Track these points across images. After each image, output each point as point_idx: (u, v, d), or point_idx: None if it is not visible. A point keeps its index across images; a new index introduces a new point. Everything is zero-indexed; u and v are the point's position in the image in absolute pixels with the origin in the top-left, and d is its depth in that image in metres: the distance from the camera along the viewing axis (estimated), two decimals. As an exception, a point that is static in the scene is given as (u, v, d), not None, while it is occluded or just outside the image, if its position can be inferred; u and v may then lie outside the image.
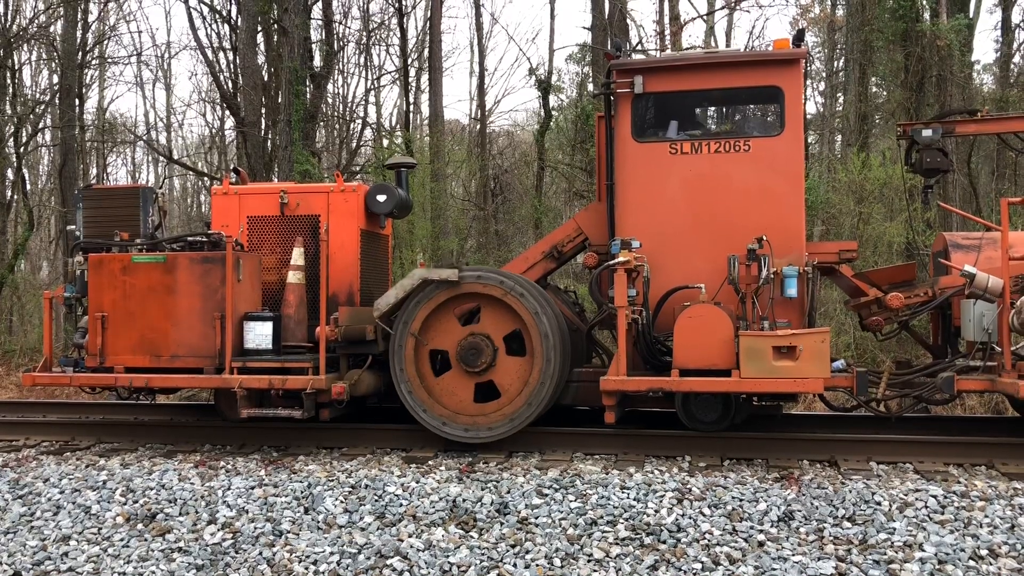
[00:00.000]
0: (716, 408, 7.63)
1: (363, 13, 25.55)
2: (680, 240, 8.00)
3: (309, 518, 6.20)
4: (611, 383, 7.30)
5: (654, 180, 8.11)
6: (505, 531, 5.87)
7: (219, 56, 22.08)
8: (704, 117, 8.94)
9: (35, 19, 22.99)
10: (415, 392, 7.80)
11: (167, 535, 6.10)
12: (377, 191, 8.66)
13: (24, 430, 8.91)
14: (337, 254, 8.42)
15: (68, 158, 21.15)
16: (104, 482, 6.96)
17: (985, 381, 7.21)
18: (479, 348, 7.80)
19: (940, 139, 8.14)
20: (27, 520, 6.45)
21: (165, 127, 33.91)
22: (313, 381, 7.55)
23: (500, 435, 7.65)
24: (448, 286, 7.77)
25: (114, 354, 7.86)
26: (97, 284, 7.91)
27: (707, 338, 7.21)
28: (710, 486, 6.38)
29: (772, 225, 7.70)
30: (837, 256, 8.27)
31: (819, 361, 6.97)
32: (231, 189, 8.75)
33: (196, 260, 7.82)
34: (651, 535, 5.73)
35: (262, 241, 8.57)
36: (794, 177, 7.92)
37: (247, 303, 7.97)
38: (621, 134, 8.19)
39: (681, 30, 21.71)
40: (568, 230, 8.86)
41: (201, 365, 7.77)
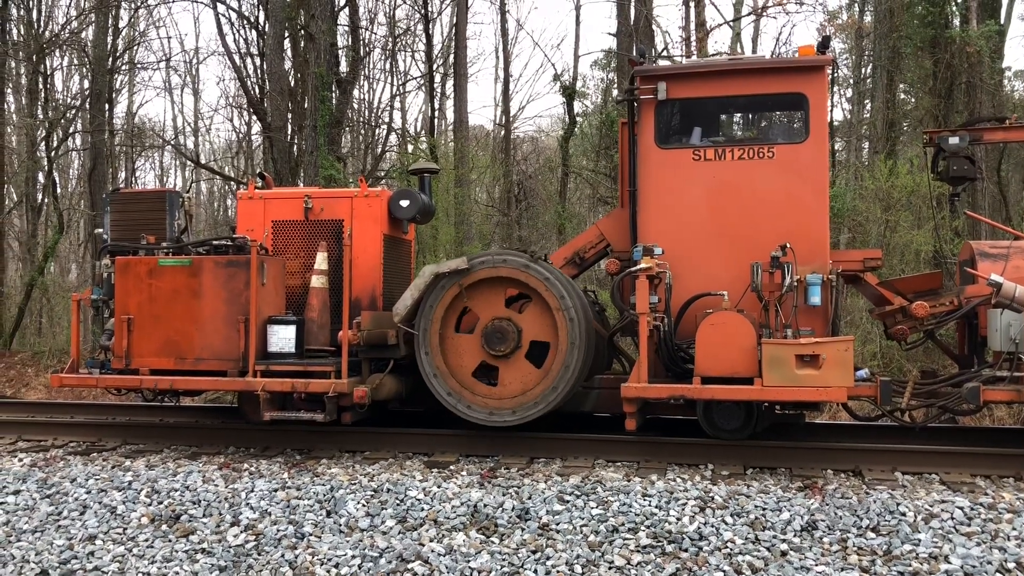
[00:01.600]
0: (738, 416, 7.59)
1: (389, 19, 25.69)
2: (703, 247, 7.96)
3: (331, 521, 6.23)
4: (632, 390, 7.28)
5: (677, 187, 8.07)
6: (526, 537, 5.86)
7: (246, 62, 22.30)
8: (728, 124, 8.91)
9: (67, 25, 23.34)
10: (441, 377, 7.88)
11: (191, 536, 6.15)
12: (400, 196, 8.69)
13: (52, 431, 9.02)
14: (360, 259, 8.45)
15: (98, 162, 21.43)
16: (130, 483, 7.03)
17: (1012, 392, 7.14)
18: (504, 332, 7.82)
19: (967, 147, 8.06)
20: (54, 519, 6.53)
21: (193, 132, 34.27)
22: (335, 385, 7.57)
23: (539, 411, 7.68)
24: (460, 275, 7.81)
25: (139, 356, 7.93)
26: (123, 287, 8.00)
27: (729, 346, 7.18)
28: (733, 494, 6.35)
29: (796, 233, 7.65)
30: (862, 264, 8.21)
31: (843, 370, 6.93)
32: (256, 194, 8.83)
33: (221, 264, 7.89)
34: (673, 543, 5.70)
35: (287, 245, 8.62)
36: (819, 185, 7.86)
37: (271, 307, 8.03)
38: (644, 140, 8.16)
39: (707, 36, 21.64)
40: (590, 236, 8.85)
41: (225, 368, 7.83)
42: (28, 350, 18.69)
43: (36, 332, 21.56)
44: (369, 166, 24.61)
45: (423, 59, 25.03)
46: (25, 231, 23.12)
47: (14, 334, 19.65)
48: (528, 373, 7.87)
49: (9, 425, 9.19)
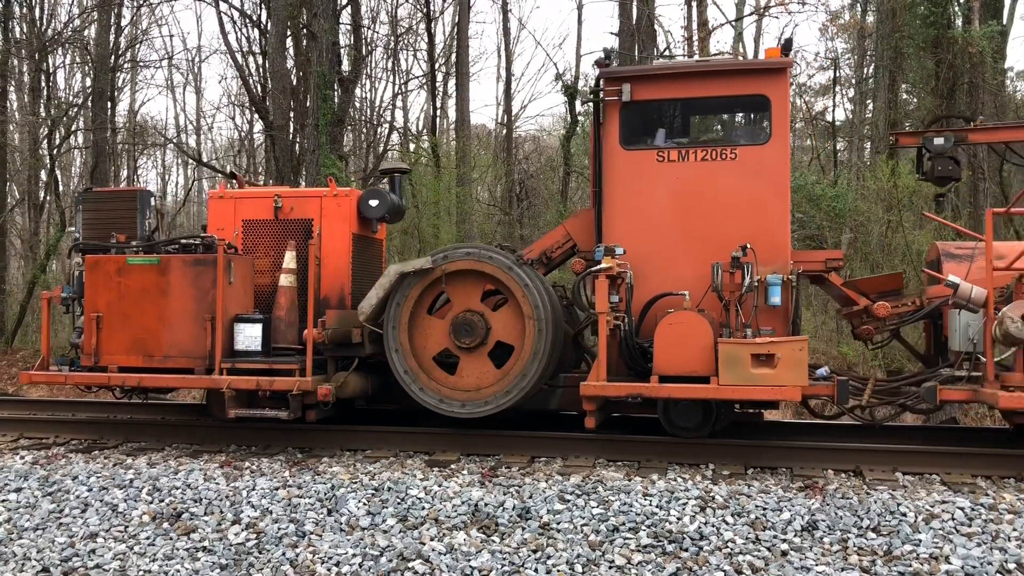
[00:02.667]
0: (696, 414, 7.66)
1: (391, 18, 25.71)
2: (666, 247, 8.05)
3: (332, 520, 6.24)
4: (591, 388, 7.36)
5: (641, 187, 8.17)
6: (527, 536, 5.87)
7: (249, 60, 22.33)
8: (692, 125, 8.93)
9: (69, 23, 23.36)
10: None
11: (192, 534, 6.16)
12: (370, 196, 8.76)
13: (54, 428, 9.03)
14: (329, 258, 8.52)
15: (100, 160, 21.45)
16: (131, 481, 7.04)
17: (968, 391, 7.20)
18: (473, 325, 7.90)
19: (952, 147, 8.09)
20: (56, 517, 6.54)
21: (195, 130, 34.29)
22: (300, 383, 7.66)
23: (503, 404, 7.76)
24: (424, 274, 7.90)
25: (108, 354, 8.04)
26: (93, 285, 8.09)
27: (687, 345, 7.27)
28: (733, 494, 6.35)
29: (757, 233, 7.74)
30: (824, 265, 8.30)
31: (797, 369, 7.01)
32: (227, 193, 8.88)
33: (188, 262, 7.99)
34: (673, 543, 5.71)
35: (257, 244, 8.68)
36: (780, 186, 7.95)
37: (238, 305, 8.11)
38: (609, 142, 8.26)
39: (709, 36, 21.64)
40: (557, 236, 8.87)
41: (192, 366, 7.92)
42: (30, 348, 18.71)
43: (38, 330, 21.58)
44: (371, 165, 24.61)
45: (425, 58, 25.05)
46: (27, 229, 23.16)
47: (16, 332, 19.68)
48: (487, 371, 7.95)
49: (11, 422, 9.21)
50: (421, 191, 20.10)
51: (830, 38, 29.43)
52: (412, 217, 19.86)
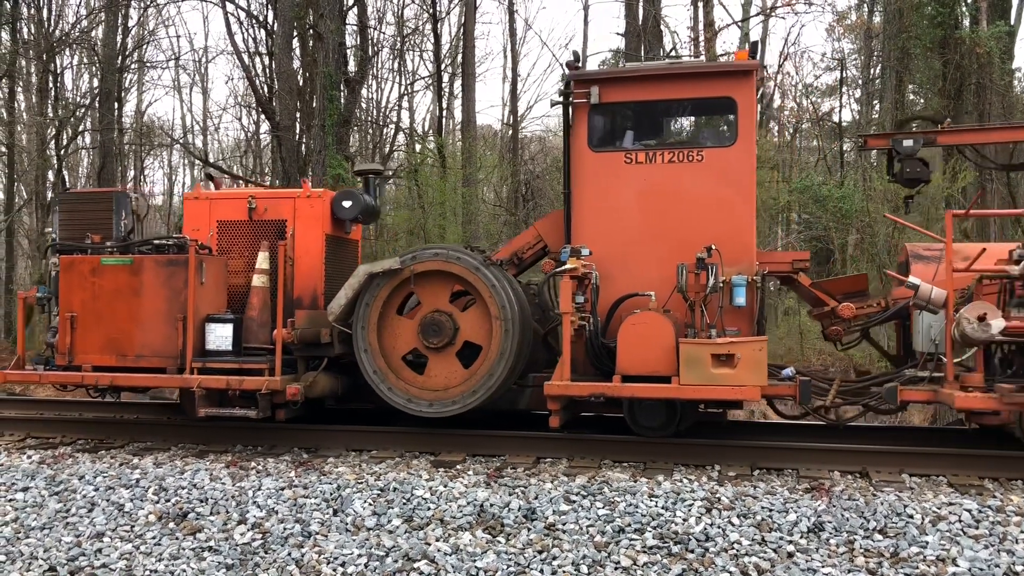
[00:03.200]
0: (660, 414, 7.70)
1: (397, 19, 25.74)
2: (634, 248, 8.10)
3: (338, 520, 6.24)
4: (555, 388, 7.43)
5: (609, 189, 8.21)
6: (532, 537, 5.87)
7: (255, 61, 22.38)
8: (660, 127, 8.91)
9: (77, 24, 23.43)
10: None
11: (198, 534, 6.17)
12: (343, 197, 8.79)
13: (60, 428, 9.06)
14: (302, 258, 8.57)
15: (107, 160, 21.53)
16: (137, 480, 7.05)
17: (929, 392, 7.23)
18: (440, 326, 7.97)
19: (919, 149, 8.12)
20: (63, 516, 6.56)
21: (202, 131, 34.39)
22: (268, 382, 7.73)
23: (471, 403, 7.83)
24: (393, 275, 7.98)
25: (82, 353, 8.12)
26: (67, 285, 8.18)
27: (649, 345, 7.33)
28: (739, 496, 6.34)
29: (723, 235, 7.79)
30: (791, 266, 8.32)
31: (756, 369, 7.07)
32: (202, 194, 8.95)
33: (161, 263, 8.07)
34: (679, 544, 5.70)
35: (231, 245, 8.72)
36: (746, 187, 8.00)
37: (210, 305, 8.17)
38: (578, 143, 8.31)
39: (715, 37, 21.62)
40: (528, 237, 8.91)
41: (164, 365, 7.99)
42: (35, 348, 18.74)
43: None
44: (377, 165, 24.57)
45: (431, 59, 25.09)
46: (35, 229, 23.23)
47: (23, 331, 19.69)
48: (455, 371, 8.01)
49: (18, 422, 9.23)
50: (427, 192, 20.12)
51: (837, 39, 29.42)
52: (418, 218, 19.89)
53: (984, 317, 6.58)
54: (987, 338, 6.63)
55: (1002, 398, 6.65)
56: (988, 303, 6.75)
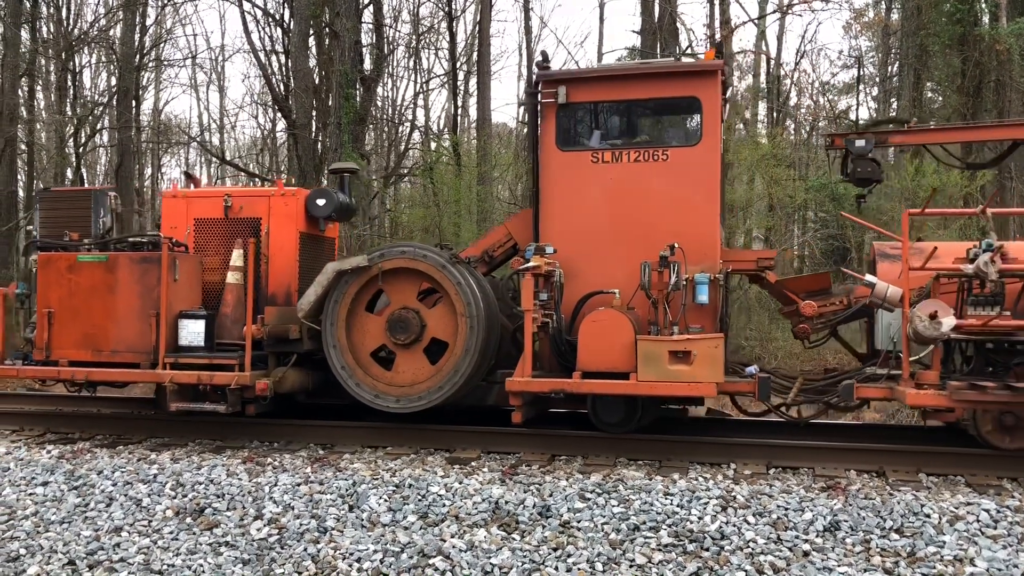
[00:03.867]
0: (620, 410, 7.79)
1: (413, 17, 25.79)
2: (600, 246, 8.19)
3: (353, 516, 6.27)
4: (516, 384, 7.56)
5: (576, 188, 8.30)
6: (547, 534, 5.87)
7: (271, 59, 22.46)
8: (627, 127, 8.96)
9: (95, 23, 23.60)
10: None
11: (215, 529, 6.21)
12: (316, 195, 8.93)
13: (79, 424, 9.13)
14: (277, 256, 8.68)
15: (125, 158, 21.68)
16: (155, 476, 7.11)
17: (885, 389, 7.29)
18: (407, 322, 8.08)
19: (872, 149, 8.16)
20: (81, 511, 6.62)
21: (218, 129, 34.58)
22: (238, 378, 7.88)
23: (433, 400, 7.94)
24: (361, 272, 8.10)
25: (59, 348, 8.29)
26: (45, 281, 8.36)
27: (608, 342, 7.42)
28: (755, 494, 6.32)
29: (687, 233, 7.87)
30: (755, 264, 8.41)
31: (712, 366, 7.15)
32: (179, 192, 9.10)
33: (135, 260, 8.23)
34: (694, 542, 5.69)
35: (208, 242, 8.84)
36: (709, 186, 8.07)
37: (183, 302, 8.32)
38: (546, 143, 8.41)
39: (731, 34, 21.55)
40: (499, 235, 9.01)
41: (138, 360, 8.15)
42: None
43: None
44: (392, 163, 24.69)
45: (447, 57, 25.12)
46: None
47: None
48: (422, 367, 8.10)
49: (37, 417, 9.32)
50: (442, 189, 20.14)
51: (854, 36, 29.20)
52: (433, 216, 19.92)
53: (935, 315, 6.64)
54: (938, 335, 6.66)
55: (951, 395, 6.67)
56: (940, 301, 6.80)
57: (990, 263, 6.66)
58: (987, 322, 6.73)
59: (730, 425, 8.69)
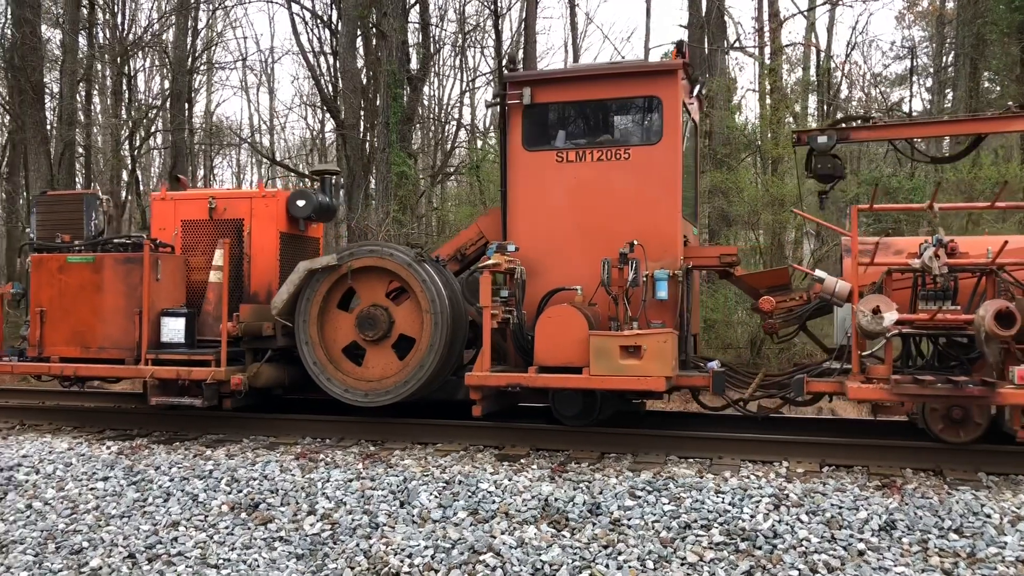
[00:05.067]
0: (577, 404, 8.00)
1: (459, 15, 25.85)
2: (565, 244, 8.40)
3: (404, 512, 6.32)
4: (474, 378, 7.80)
5: (542, 187, 8.54)
6: (597, 531, 5.86)
7: (320, 60, 22.70)
8: (591, 127, 9.07)
9: (149, 28, 24.07)
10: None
11: (269, 524, 6.31)
12: (297, 197, 9.26)
13: (137, 421, 9.34)
14: (259, 255, 9.08)
15: (178, 160, 22.09)
16: (210, 471, 7.24)
17: (835, 383, 7.35)
18: (375, 319, 8.35)
19: (834, 146, 8.11)
20: (140, 505, 6.77)
21: (268, 130, 35.05)
22: (214, 373, 8.27)
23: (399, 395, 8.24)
24: (331, 270, 8.40)
25: (51, 345, 8.78)
26: (37, 281, 8.84)
27: (563, 337, 7.63)
28: (808, 492, 6.24)
29: (648, 230, 8.10)
30: (718, 260, 8.50)
31: (661, 360, 7.33)
32: (168, 195, 9.47)
33: (119, 260, 8.65)
34: (746, 540, 5.64)
35: (194, 243, 9.22)
36: (670, 184, 8.22)
37: (166, 300, 8.71)
38: (513, 143, 8.65)
39: (780, 27, 21.26)
40: (471, 234, 9.24)
41: (123, 356, 8.58)
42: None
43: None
44: (439, 162, 24.80)
45: (492, 55, 25.12)
46: (110, 227, 23.89)
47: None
48: (390, 363, 8.37)
49: (97, 414, 9.55)
50: (488, 188, 20.17)
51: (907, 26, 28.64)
52: (480, 213, 19.95)
53: (878, 310, 6.71)
54: (880, 330, 6.73)
55: (892, 389, 6.77)
56: (883, 296, 6.86)
57: (934, 258, 6.76)
58: (933, 316, 6.80)
59: (782, 423, 8.59)
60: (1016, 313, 6.47)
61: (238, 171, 36.27)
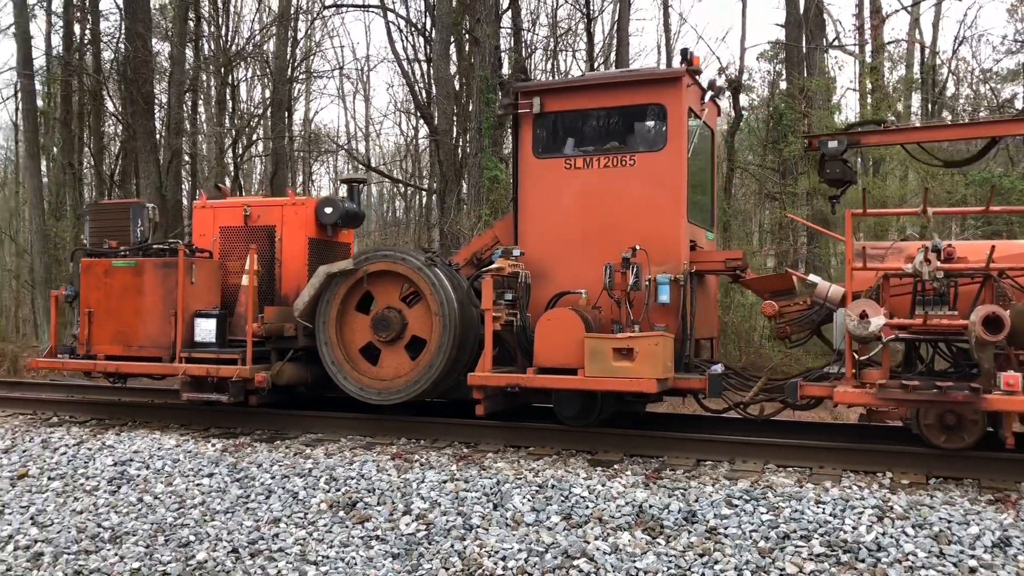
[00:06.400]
0: (576, 404, 8.21)
1: (551, 20, 25.88)
2: (572, 249, 8.63)
3: (498, 514, 6.35)
4: (477, 378, 8.04)
5: (551, 193, 8.78)
6: (693, 540, 5.78)
7: (414, 67, 23.03)
8: (599, 134, 9.16)
9: (251, 39, 24.88)
10: None
11: (366, 523, 6.43)
12: (324, 204, 9.72)
13: (240, 419, 9.65)
14: (289, 260, 9.59)
15: (279, 167, 22.74)
16: (310, 470, 7.42)
17: (827, 387, 7.34)
18: (389, 321, 8.77)
19: (844, 150, 7.92)
20: (243, 502, 6.99)
21: (364, 136, 35.74)
22: (239, 371, 8.76)
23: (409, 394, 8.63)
24: (348, 275, 8.85)
25: (98, 343, 9.39)
26: (86, 284, 9.48)
27: (561, 339, 7.84)
28: (914, 505, 6.01)
29: (653, 235, 8.26)
30: (723, 264, 8.62)
31: (652, 363, 7.45)
32: (208, 203, 10.05)
33: (158, 265, 9.25)
34: (848, 552, 5.47)
35: (232, 248, 9.71)
36: (674, 189, 8.36)
37: (200, 302, 9.25)
38: (524, 151, 8.94)
39: (883, 24, 20.61)
40: (486, 239, 9.52)
41: (160, 354, 9.17)
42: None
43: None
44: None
45: (584, 58, 25.06)
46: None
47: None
48: (403, 363, 8.78)
49: (204, 414, 9.90)
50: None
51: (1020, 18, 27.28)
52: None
53: (865, 314, 6.72)
54: (867, 335, 6.74)
55: (877, 393, 6.78)
56: (871, 301, 6.86)
57: (924, 263, 6.76)
58: (925, 321, 6.82)
59: (885, 433, 8.29)
60: (1003, 318, 6.36)
61: (335, 177, 37.16)
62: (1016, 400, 6.42)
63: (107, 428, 9.46)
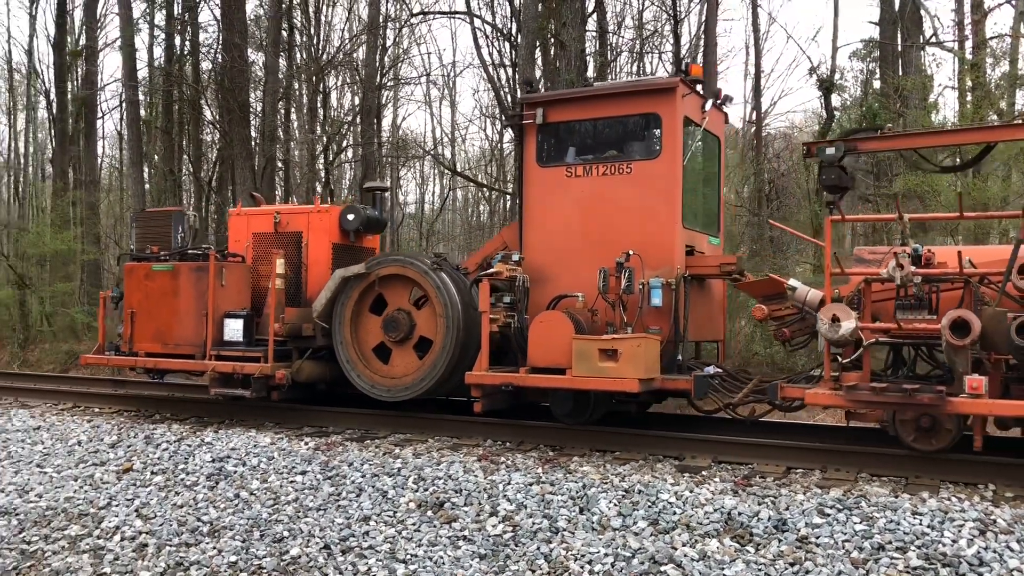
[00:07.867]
0: (568, 403, 8.53)
1: (636, 22, 25.73)
2: (571, 254, 8.98)
3: (584, 518, 6.35)
4: (473, 377, 8.49)
5: (553, 201, 9.17)
6: (783, 548, 5.67)
7: (499, 72, 23.20)
8: (598, 143, 9.40)
9: (342, 48, 25.46)
10: None
11: (453, 523, 6.51)
12: (347, 211, 10.29)
13: (331, 419, 9.89)
14: (314, 264, 10.12)
15: (368, 172, 23.18)
16: (399, 469, 7.56)
17: (801, 389, 7.40)
18: (398, 322, 9.31)
19: (841, 157, 7.80)
20: (335, 499, 7.16)
21: (450, 142, 36.14)
22: (261, 368, 9.37)
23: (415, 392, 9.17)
24: (362, 278, 9.38)
25: (139, 342, 10.14)
26: (129, 286, 10.22)
27: (553, 340, 8.18)
28: (1019, 519, 5.77)
29: (648, 240, 8.57)
30: (718, 269, 8.84)
31: (635, 363, 7.72)
32: (242, 211, 10.72)
33: (192, 269, 9.88)
34: (947, 567, 5.29)
35: (263, 253, 10.27)
36: (669, 196, 8.64)
37: (230, 303, 9.87)
38: (527, 160, 9.34)
39: (984, 19, 19.84)
40: (496, 244, 9.99)
41: (193, 352, 9.82)
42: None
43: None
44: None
45: (671, 60, 24.82)
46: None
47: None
48: (411, 362, 9.31)
49: (297, 412, 10.19)
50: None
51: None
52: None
53: (836, 319, 6.85)
54: (838, 338, 6.89)
55: (846, 395, 6.92)
56: (843, 306, 6.98)
57: (897, 268, 6.83)
58: (899, 326, 6.95)
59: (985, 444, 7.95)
60: (971, 322, 6.31)
61: (421, 182, 37.70)
62: (980, 403, 6.49)
63: (205, 425, 9.83)
